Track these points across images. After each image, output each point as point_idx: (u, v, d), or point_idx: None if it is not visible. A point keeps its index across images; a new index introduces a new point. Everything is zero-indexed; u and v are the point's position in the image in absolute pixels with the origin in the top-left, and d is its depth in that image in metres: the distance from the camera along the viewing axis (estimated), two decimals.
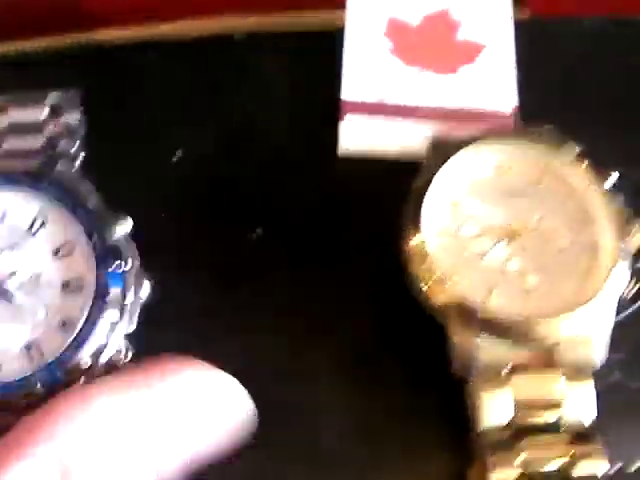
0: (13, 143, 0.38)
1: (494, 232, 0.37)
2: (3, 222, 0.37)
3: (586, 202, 0.38)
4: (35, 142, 0.38)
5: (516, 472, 0.34)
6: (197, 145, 0.41)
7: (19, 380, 0.34)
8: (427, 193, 0.37)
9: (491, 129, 0.39)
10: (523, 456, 0.34)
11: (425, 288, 0.36)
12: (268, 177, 0.41)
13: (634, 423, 0.37)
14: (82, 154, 0.38)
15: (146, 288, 0.36)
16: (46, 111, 0.39)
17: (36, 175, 0.37)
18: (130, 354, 0.35)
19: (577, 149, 0.38)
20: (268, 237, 0.40)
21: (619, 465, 0.36)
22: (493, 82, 0.43)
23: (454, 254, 0.37)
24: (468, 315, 0.35)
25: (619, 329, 0.37)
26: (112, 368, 0.35)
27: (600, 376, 0.36)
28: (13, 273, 0.36)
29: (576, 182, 0.38)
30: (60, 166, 0.38)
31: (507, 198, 0.38)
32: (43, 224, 0.37)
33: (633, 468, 0.36)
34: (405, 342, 0.38)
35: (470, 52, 0.43)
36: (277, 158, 0.41)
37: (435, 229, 0.37)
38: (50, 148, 0.38)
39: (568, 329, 0.35)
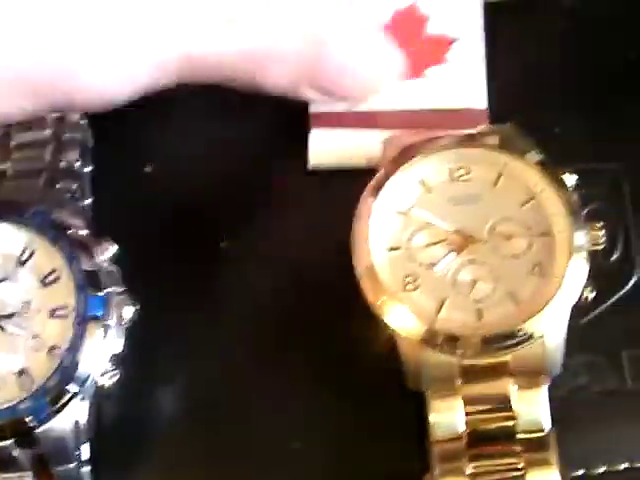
0: (20, 164, 0.39)
1: (445, 241, 0.36)
2: None
3: (544, 203, 0.37)
4: (39, 162, 0.39)
5: None
6: (166, 160, 0.42)
7: (6, 408, 0.35)
8: (375, 203, 0.36)
9: (447, 131, 0.39)
10: (473, 466, 0.35)
11: (378, 305, 0.35)
12: (235, 192, 0.42)
13: (596, 428, 0.37)
14: (89, 168, 0.40)
15: (129, 311, 0.37)
16: (48, 131, 0.40)
17: (21, 205, 0.38)
18: (117, 377, 0.36)
19: (538, 154, 0.37)
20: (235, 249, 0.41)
21: (582, 471, 0.36)
22: (463, 78, 0.41)
23: (404, 267, 0.36)
24: (417, 330, 0.35)
25: (581, 332, 0.37)
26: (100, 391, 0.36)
27: (560, 381, 0.36)
28: (5, 303, 0.37)
29: (534, 182, 0.37)
30: (61, 183, 0.39)
31: (460, 204, 0.37)
32: (32, 253, 0.38)
33: (596, 473, 0.36)
34: (363, 353, 0.38)
35: (439, 48, 0.42)
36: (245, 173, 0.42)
37: (385, 241, 0.36)
38: (53, 166, 0.39)
39: (521, 337, 0.35)
